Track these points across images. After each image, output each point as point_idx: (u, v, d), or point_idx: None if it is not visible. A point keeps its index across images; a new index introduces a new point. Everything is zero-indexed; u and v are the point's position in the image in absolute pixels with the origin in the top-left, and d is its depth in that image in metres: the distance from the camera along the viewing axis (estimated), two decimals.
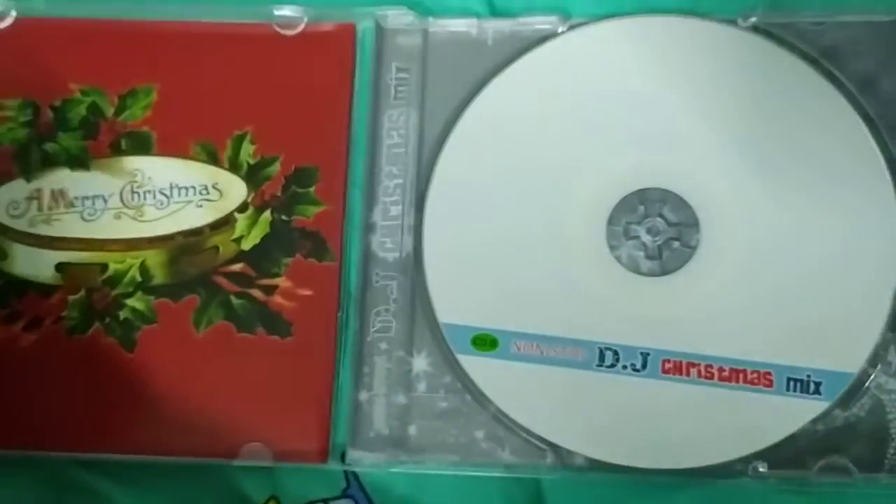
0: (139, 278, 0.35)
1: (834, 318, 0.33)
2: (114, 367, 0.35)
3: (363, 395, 0.34)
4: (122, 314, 0.35)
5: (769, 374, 0.32)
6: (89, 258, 0.36)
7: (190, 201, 0.36)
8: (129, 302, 0.35)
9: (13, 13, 0.38)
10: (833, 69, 0.35)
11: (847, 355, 0.33)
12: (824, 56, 0.35)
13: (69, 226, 0.36)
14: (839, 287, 0.33)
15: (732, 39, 0.36)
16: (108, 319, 0.35)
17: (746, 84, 0.35)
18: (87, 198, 0.36)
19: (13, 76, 0.37)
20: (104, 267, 0.35)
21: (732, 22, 0.36)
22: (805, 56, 0.35)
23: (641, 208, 0.35)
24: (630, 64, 0.36)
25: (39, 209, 0.36)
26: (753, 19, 0.36)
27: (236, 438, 0.33)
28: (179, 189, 0.36)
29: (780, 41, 0.36)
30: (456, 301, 0.34)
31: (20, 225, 0.36)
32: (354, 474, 0.35)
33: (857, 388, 0.33)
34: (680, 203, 0.35)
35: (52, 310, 0.36)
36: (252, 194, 0.36)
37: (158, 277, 0.35)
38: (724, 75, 0.35)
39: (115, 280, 0.35)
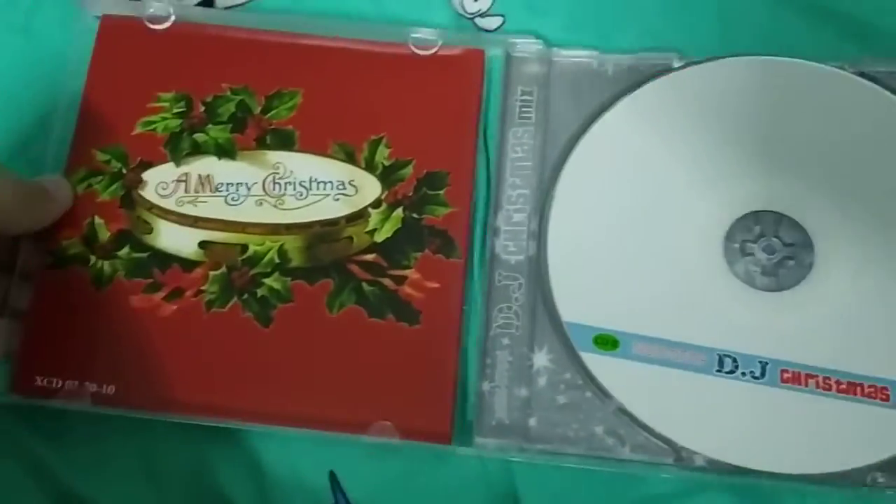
0: (277, 260, 0.36)
1: None
2: (250, 340, 0.35)
3: (486, 386, 0.35)
4: (260, 292, 0.36)
5: (886, 388, 0.33)
6: (231, 238, 0.37)
7: (328, 194, 0.37)
8: (268, 281, 0.36)
9: (172, 17, 0.40)
10: None
11: None
12: None
13: (213, 208, 0.37)
14: None
15: (838, 82, 0.38)
16: (246, 296, 0.36)
17: (851, 121, 0.37)
18: (231, 184, 0.37)
19: (169, 72, 0.39)
20: (244, 248, 0.36)
21: (841, 67, 0.38)
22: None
23: (757, 228, 0.36)
24: (742, 99, 0.38)
25: (186, 191, 0.37)
26: (858, 67, 0.38)
27: (365, 415, 0.34)
28: (318, 183, 0.37)
29: (885, 85, 0.37)
30: (578, 302, 0.35)
31: (168, 204, 0.38)
32: (343, 493, 0.35)
33: None
34: (793, 225, 0.36)
35: (193, 283, 0.36)
36: (386, 192, 0.37)
37: (295, 261, 0.36)
38: (830, 113, 0.37)
39: (254, 260, 0.36)
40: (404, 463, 0.35)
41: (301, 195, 0.37)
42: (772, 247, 0.36)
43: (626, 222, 0.36)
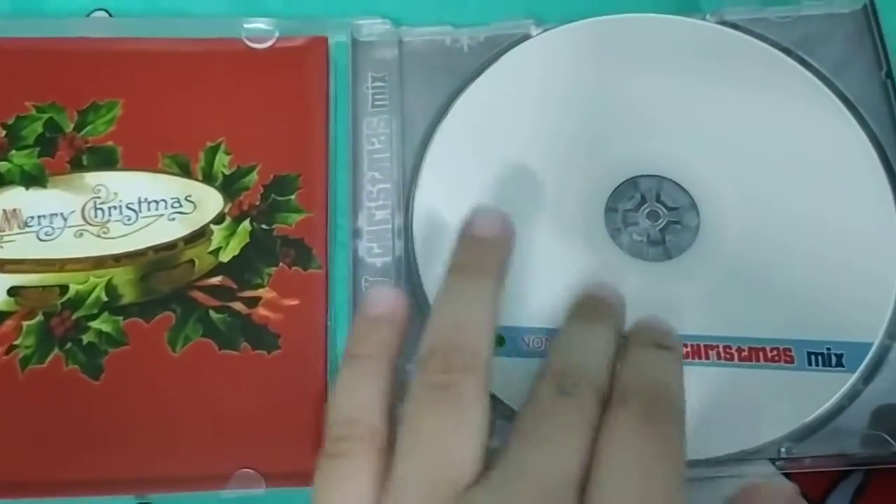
0: (105, 298, 0.28)
1: (845, 290, 0.29)
2: (78, 398, 0.27)
3: None
4: (86, 338, 0.27)
5: (789, 350, 0.27)
6: (46, 280, 0.28)
7: (161, 215, 0.29)
8: (94, 324, 0.27)
9: None
10: (805, 56, 0.30)
11: (864, 326, 0.29)
12: (795, 46, 0.33)
13: (23, 246, 0.29)
14: (845, 259, 0.30)
15: (703, 33, 0.33)
16: (69, 345, 0.28)
17: (723, 73, 0.32)
18: (43, 216, 0.29)
19: None
20: (64, 289, 0.28)
21: (701, 18, 0.33)
22: (777, 45, 0.33)
23: (637, 196, 0.29)
24: (606, 62, 0.33)
25: None
26: (719, 16, 0.33)
27: (224, 466, 0.26)
28: (149, 203, 0.29)
29: (751, 33, 0.33)
30: None
31: None
32: None
33: (878, 358, 0.29)
34: (674, 187, 0.29)
35: (4, 339, 0.29)
36: (229, 205, 0.29)
37: (127, 296, 0.28)
38: (699, 66, 0.32)
39: (76, 302, 0.28)
40: None
41: (129, 220, 0.28)
42: (655, 213, 0.28)
43: (500, 207, 0.29)
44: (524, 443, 0.19)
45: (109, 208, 0.30)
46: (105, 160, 0.31)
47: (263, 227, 0.30)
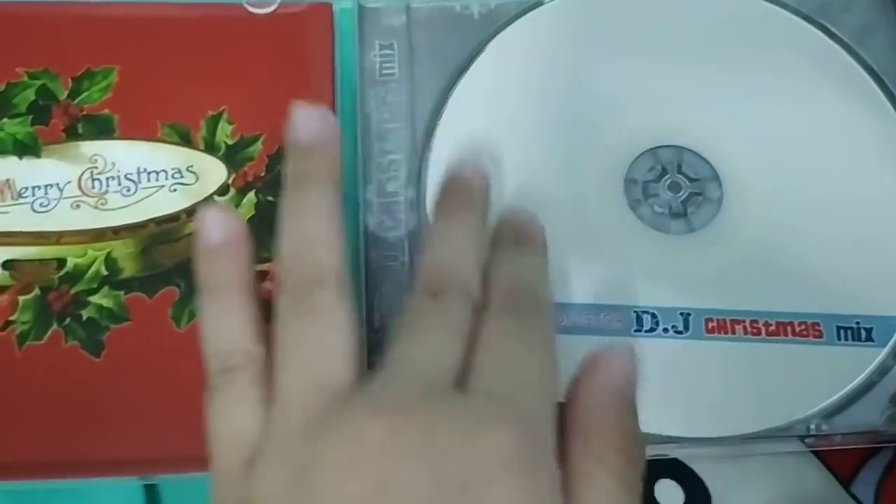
0: (105, 272, 0.26)
1: (873, 263, 0.29)
2: (79, 376, 0.25)
3: None
4: (86, 314, 0.26)
5: (817, 324, 0.26)
6: (43, 253, 0.26)
7: (162, 186, 0.27)
8: (94, 299, 0.26)
9: None
10: (827, 24, 0.29)
11: (892, 300, 0.28)
12: (817, 14, 0.32)
13: (17, 218, 0.27)
14: (872, 231, 0.29)
15: (725, 1, 0.32)
16: (68, 321, 0.26)
17: (743, 41, 0.31)
18: (37, 187, 0.28)
19: None
20: (62, 262, 0.26)
21: None
22: (798, 13, 0.32)
23: (658, 167, 0.28)
24: (620, 30, 0.32)
25: None
26: None
27: None
28: (149, 173, 0.28)
29: (772, 0, 0.32)
30: None
31: None
32: None
33: None
34: (696, 158, 0.28)
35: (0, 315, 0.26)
36: (233, 176, 0.28)
37: (128, 270, 0.26)
38: (719, 35, 0.31)
39: (75, 276, 0.26)
40: None
41: (128, 191, 0.27)
42: (677, 184, 0.27)
43: (516, 179, 0.28)
44: (398, 343, 0.20)
45: (107, 179, 0.28)
46: (101, 129, 0.29)
47: (270, 198, 0.28)
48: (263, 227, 0.28)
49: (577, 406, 0.20)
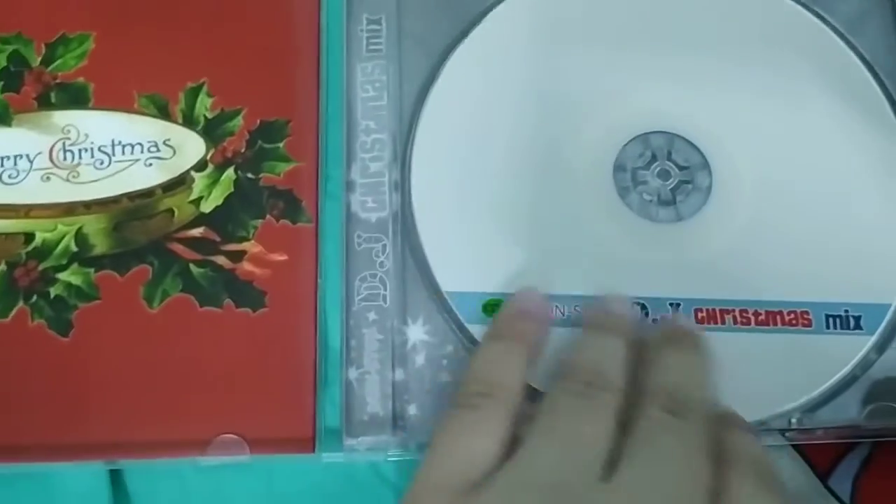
0: (74, 248, 0.25)
1: (862, 252, 0.28)
2: (45, 356, 0.24)
3: (353, 373, 0.25)
4: (54, 291, 0.25)
5: (806, 313, 0.26)
6: (10, 226, 0.26)
7: (137, 160, 0.26)
8: (63, 276, 0.25)
9: None
10: (821, 12, 0.29)
11: (881, 288, 0.28)
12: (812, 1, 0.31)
13: None
14: (861, 220, 0.28)
15: None
16: (35, 298, 0.25)
17: (737, 27, 0.30)
18: (6, 157, 0.27)
19: None
20: (30, 237, 0.25)
21: None
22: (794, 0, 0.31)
23: (648, 153, 0.27)
24: (617, 9, 0.31)
25: None
26: None
27: (204, 431, 0.24)
28: (123, 146, 0.27)
29: None
30: (456, 263, 0.26)
31: None
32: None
33: (895, 324, 0.27)
34: (686, 145, 0.27)
35: None
36: (212, 151, 0.27)
37: (100, 246, 0.25)
38: (712, 20, 0.30)
39: (43, 251, 0.25)
40: (257, 483, 0.26)
41: (101, 163, 0.26)
42: (667, 171, 0.26)
43: (503, 164, 0.27)
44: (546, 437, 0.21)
45: (80, 150, 0.27)
46: (75, 98, 0.28)
47: (249, 175, 0.27)
48: (242, 206, 0.27)
49: None
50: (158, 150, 0.28)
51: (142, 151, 0.28)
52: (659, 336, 0.25)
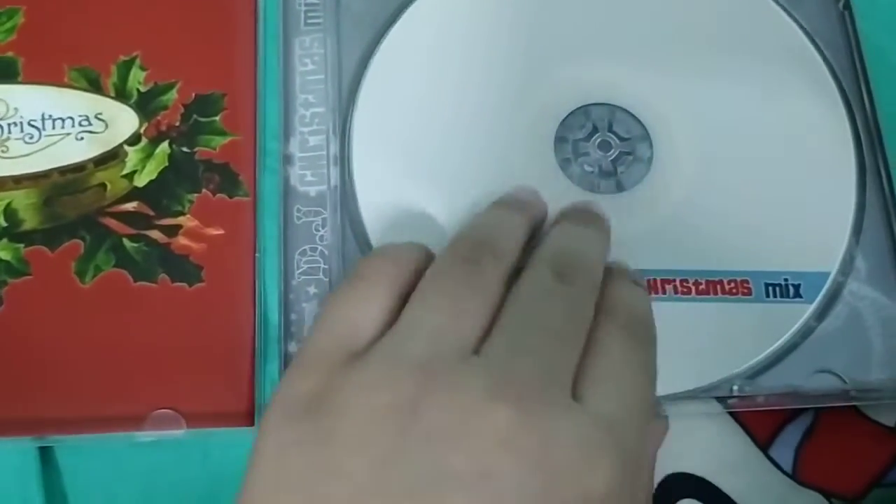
0: (3, 223, 0.25)
1: (801, 221, 0.29)
2: None
3: (292, 347, 0.25)
4: None
5: (746, 281, 0.26)
6: None
7: (68, 134, 0.26)
8: None
9: None
10: None
11: (820, 257, 0.28)
12: None
13: None
14: (800, 189, 0.29)
15: None
16: None
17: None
18: None
19: None
20: None
21: None
22: None
23: (589, 125, 0.27)
24: None
25: None
26: None
27: (139, 406, 0.24)
28: (54, 120, 0.26)
29: None
30: (398, 237, 0.26)
31: None
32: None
33: (834, 292, 0.28)
34: (628, 117, 0.27)
35: None
36: (145, 125, 0.27)
37: (29, 221, 0.25)
38: None
39: None
40: (194, 458, 0.26)
41: (31, 138, 0.26)
42: (607, 143, 0.27)
43: (443, 137, 0.28)
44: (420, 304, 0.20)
45: (9, 125, 0.27)
46: (4, 72, 0.28)
47: (184, 149, 0.27)
48: (176, 180, 0.27)
49: None
50: (90, 124, 0.28)
51: (73, 125, 0.27)
52: (559, 214, 0.25)
